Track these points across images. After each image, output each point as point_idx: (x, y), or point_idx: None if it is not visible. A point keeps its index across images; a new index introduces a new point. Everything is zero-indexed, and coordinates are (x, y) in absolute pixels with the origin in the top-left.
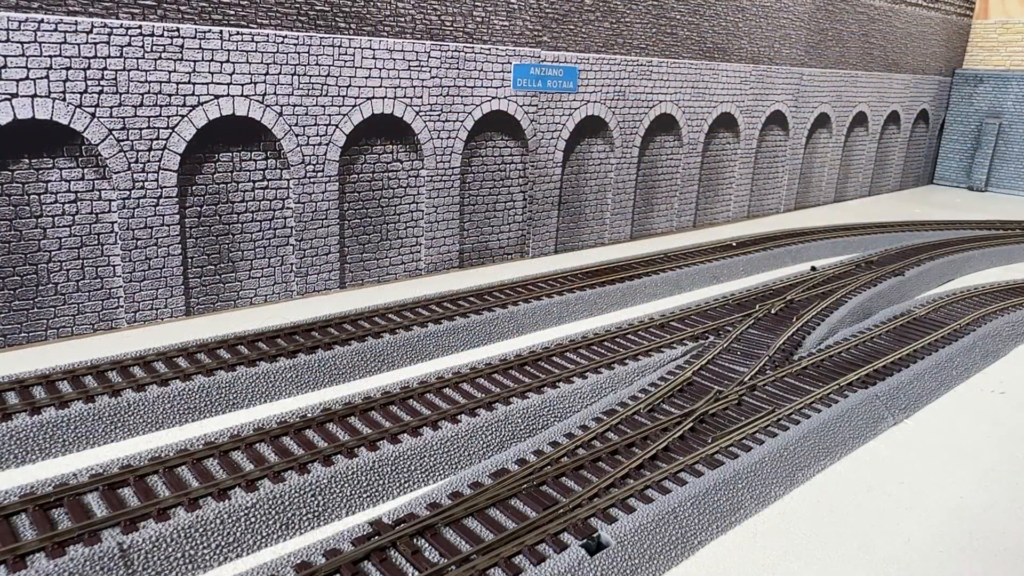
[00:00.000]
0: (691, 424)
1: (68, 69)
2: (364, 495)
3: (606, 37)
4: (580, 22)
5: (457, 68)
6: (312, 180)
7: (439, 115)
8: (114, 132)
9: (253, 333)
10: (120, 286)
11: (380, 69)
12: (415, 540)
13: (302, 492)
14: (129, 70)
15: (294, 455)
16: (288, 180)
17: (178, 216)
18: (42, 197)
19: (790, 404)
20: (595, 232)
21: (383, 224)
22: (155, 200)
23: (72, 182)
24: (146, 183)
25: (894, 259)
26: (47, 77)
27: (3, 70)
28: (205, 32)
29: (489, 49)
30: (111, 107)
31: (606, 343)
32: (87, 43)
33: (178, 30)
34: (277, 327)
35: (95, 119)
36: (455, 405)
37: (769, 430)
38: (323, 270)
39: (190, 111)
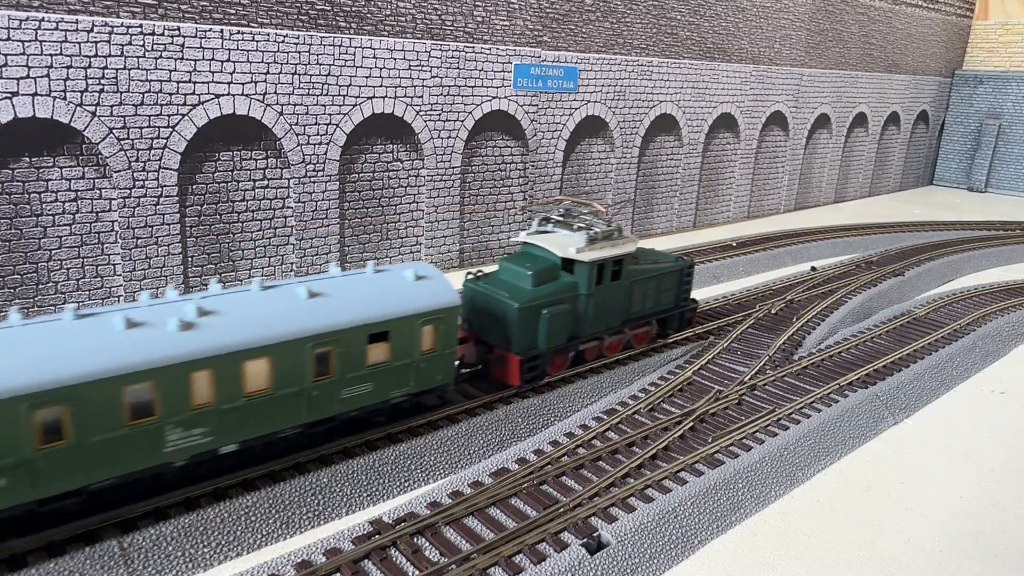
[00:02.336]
0: (691, 424)
1: (69, 68)
2: (364, 494)
3: (606, 37)
4: (580, 22)
5: (457, 68)
6: (312, 179)
7: (439, 115)
8: (114, 131)
9: None
10: (120, 285)
11: (380, 68)
12: (415, 539)
13: (302, 491)
14: (130, 69)
15: (294, 455)
16: (288, 179)
17: (178, 215)
18: (42, 196)
19: (790, 404)
20: None
21: (383, 223)
22: (155, 199)
23: (72, 181)
24: (146, 182)
25: (894, 259)
26: (48, 76)
27: (4, 68)
28: (206, 31)
29: (489, 49)
30: (112, 106)
31: None
32: (88, 42)
33: (179, 29)
34: None
35: (96, 118)
36: (455, 404)
37: (769, 430)
38: (323, 269)
39: (191, 110)
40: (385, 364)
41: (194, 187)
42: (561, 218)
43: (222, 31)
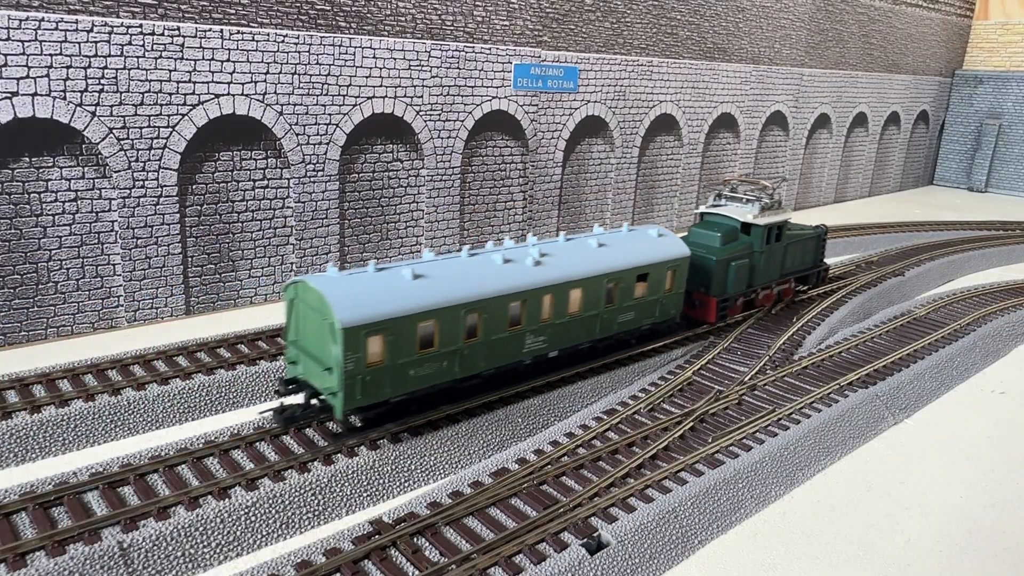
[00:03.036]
0: (691, 424)
1: (68, 68)
2: (365, 494)
3: (606, 37)
4: (580, 22)
5: (457, 68)
6: (312, 179)
7: (439, 115)
8: (114, 131)
9: (253, 332)
10: (120, 285)
11: (380, 68)
12: (415, 539)
13: (303, 491)
14: (130, 69)
15: (294, 454)
16: (288, 179)
17: (178, 215)
18: (42, 196)
19: (790, 404)
20: None
21: (383, 224)
22: (155, 199)
23: (72, 181)
24: (146, 182)
25: (894, 259)
26: (48, 76)
27: (3, 68)
28: (206, 31)
29: (489, 49)
30: (111, 106)
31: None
32: (88, 42)
33: (179, 29)
34: (277, 326)
35: (95, 118)
36: (455, 404)
37: (769, 430)
38: (324, 269)
39: (191, 110)
40: (644, 298)
41: (194, 187)
42: (732, 193)
43: (222, 31)
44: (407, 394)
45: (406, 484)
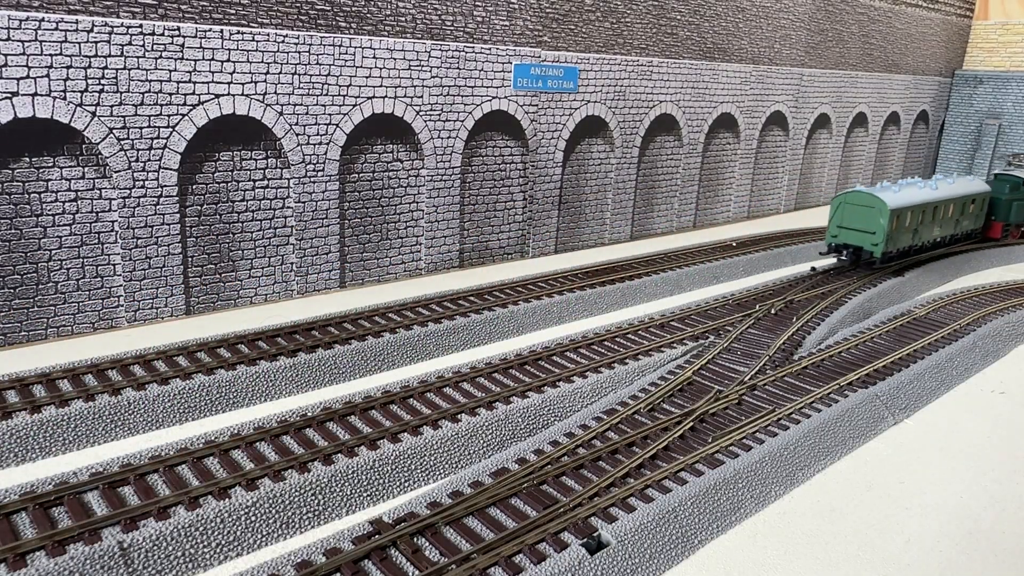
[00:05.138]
0: (691, 424)
1: (69, 68)
2: (365, 494)
3: (606, 37)
4: (580, 22)
5: (457, 68)
6: (312, 179)
7: (439, 115)
8: (114, 131)
9: (253, 332)
10: (120, 285)
11: (380, 69)
12: (415, 539)
13: (302, 491)
14: (130, 69)
15: (294, 454)
16: (288, 179)
17: (178, 215)
18: (42, 196)
19: (790, 404)
20: (595, 232)
21: (383, 224)
22: (155, 199)
23: (72, 181)
24: (146, 182)
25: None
26: (48, 76)
27: (4, 68)
28: (206, 31)
29: (489, 49)
30: (112, 106)
31: (606, 343)
32: (88, 42)
33: (179, 29)
34: (277, 326)
35: (96, 118)
36: (455, 404)
37: (769, 430)
38: (323, 269)
39: (191, 110)
40: (971, 213)
41: (194, 187)
42: (1019, 162)
43: (222, 31)
44: (897, 250)
45: (406, 484)
